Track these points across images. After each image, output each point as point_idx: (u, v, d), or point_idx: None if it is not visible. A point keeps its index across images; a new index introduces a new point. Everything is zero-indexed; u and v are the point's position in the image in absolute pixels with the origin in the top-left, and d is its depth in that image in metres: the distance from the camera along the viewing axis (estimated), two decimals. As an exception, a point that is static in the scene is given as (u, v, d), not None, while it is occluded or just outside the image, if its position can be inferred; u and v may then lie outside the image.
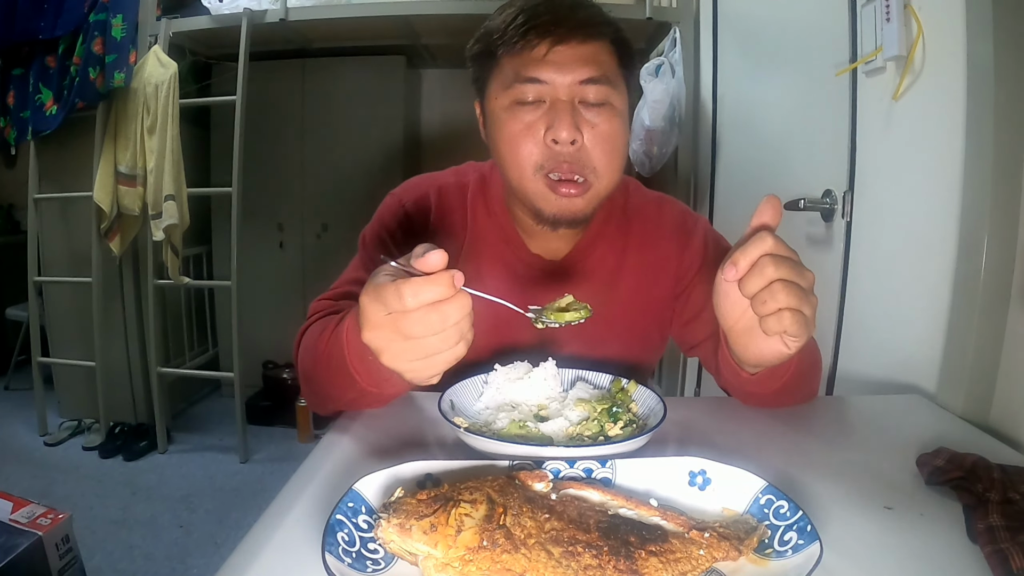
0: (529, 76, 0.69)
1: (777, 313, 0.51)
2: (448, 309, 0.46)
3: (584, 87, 0.70)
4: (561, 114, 0.69)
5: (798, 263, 0.52)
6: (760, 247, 0.51)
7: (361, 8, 2.33)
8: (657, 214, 0.87)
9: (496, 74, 0.73)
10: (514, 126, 0.71)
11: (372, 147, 2.81)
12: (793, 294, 0.50)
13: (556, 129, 0.69)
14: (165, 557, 1.83)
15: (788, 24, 1.51)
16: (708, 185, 2.05)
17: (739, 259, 0.52)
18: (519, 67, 0.70)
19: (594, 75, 0.69)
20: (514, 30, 0.69)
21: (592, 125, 0.70)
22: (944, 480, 0.56)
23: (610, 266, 0.84)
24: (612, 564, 0.39)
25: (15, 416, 2.74)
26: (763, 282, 0.51)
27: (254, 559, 0.45)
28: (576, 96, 0.70)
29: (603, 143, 0.71)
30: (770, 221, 0.54)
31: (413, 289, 0.45)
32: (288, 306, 2.88)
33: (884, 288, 1.09)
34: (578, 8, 0.71)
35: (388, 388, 0.61)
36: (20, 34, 2.21)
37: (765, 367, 0.61)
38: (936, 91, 0.94)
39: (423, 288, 0.45)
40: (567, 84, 0.69)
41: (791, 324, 0.51)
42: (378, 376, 0.58)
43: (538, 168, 0.71)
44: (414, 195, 0.85)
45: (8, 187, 3.44)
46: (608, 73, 0.71)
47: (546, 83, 0.69)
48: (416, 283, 0.45)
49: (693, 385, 2.20)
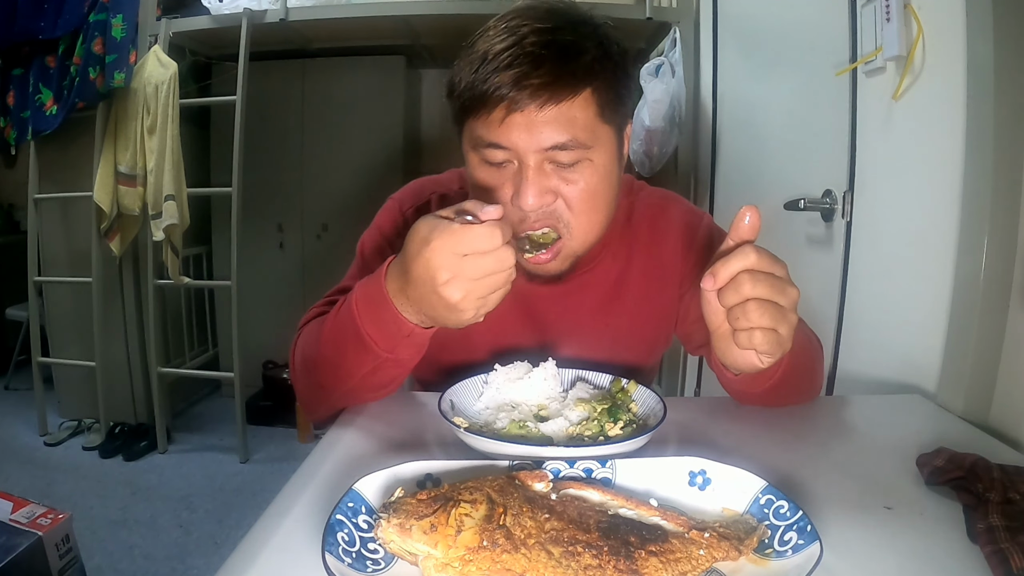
0: (491, 142, 0.64)
1: (748, 331, 0.51)
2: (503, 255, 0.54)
3: (553, 152, 0.64)
4: (524, 183, 0.64)
5: (781, 279, 0.51)
6: (741, 262, 0.51)
7: (361, 8, 2.33)
8: (663, 218, 0.84)
9: (465, 127, 0.68)
10: (483, 183, 0.68)
11: (372, 147, 2.81)
12: (767, 313, 0.50)
13: (521, 198, 0.64)
14: (165, 557, 1.83)
15: (788, 24, 1.51)
16: (708, 185, 2.05)
17: (718, 271, 0.52)
18: (480, 129, 0.65)
19: (561, 141, 0.63)
20: (474, 86, 0.63)
21: (566, 183, 0.65)
22: (944, 480, 0.56)
23: (615, 276, 0.83)
24: (612, 564, 0.39)
25: (15, 416, 2.75)
26: (738, 299, 0.51)
27: (254, 559, 0.45)
28: (544, 159, 0.64)
29: (577, 202, 0.66)
30: (747, 237, 0.53)
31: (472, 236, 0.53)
32: (288, 306, 2.88)
33: (884, 288, 1.08)
34: (549, 56, 0.61)
35: (403, 349, 0.62)
36: (20, 34, 2.21)
37: (744, 373, 0.61)
38: (936, 91, 0.94)
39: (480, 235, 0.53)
40: (532, 150, 0.63)
41: (762, 343, 0.51)
42: (395, 334, 0.60)
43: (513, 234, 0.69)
44: (414, 202, 0.84)
45: (8, 187, 3.44)
46: (580, 134, 0.63)
47: (510, 148, 0.64)
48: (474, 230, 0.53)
49: (693, 385, 2.20)
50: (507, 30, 0.63)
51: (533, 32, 0.62)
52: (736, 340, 0.53)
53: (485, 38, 0.65)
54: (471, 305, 0.55)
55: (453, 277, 0.53)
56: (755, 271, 0.51)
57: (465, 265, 0.53)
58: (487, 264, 0.53)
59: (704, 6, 2.08)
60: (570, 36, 0.63)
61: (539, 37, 0.62)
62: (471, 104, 0.64)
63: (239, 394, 2.41)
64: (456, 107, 0.68)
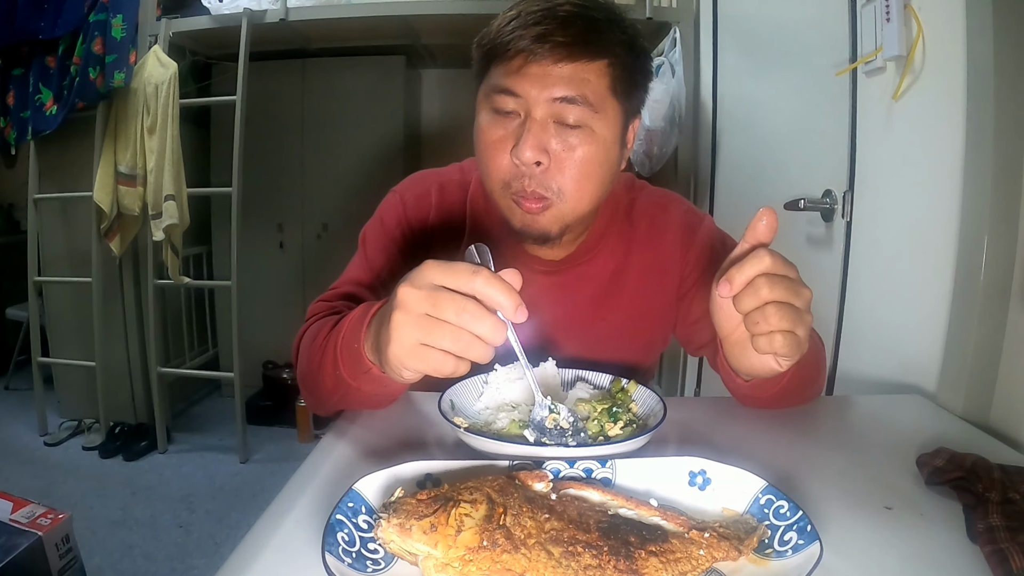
0: (505, 87, 0.67)
1: (769, 335, 0.51)
2: (486, 319, 0.45)
3: (561, 106, 0.66)
4: (528, 133, 0.66)
5: (795, 281, 0.52)
6: (757, 266, 0.51)
7: (361, 8, 2.33)
8: (662, 216, 0.85)
9: (486, 77, 0.71)
10: (488, 136, 0.70)
11: (372, 147, 2.81)
12: (786, 316, 0.50)
13: (520, 149, 0.66)
14: (165, 557, 1.83)
15: (788, 24, 1.51)
16: (708, 185, 2.05)
17: (734, 276, 0.51)
18: (500, 76, 0.68)
19: (570, 95, 0.65)
20: (502, 35, 0.66)
21: (565, 146, 0.67)
22: (944, 480, 0.56)
23: (612, 270, 0.83)
24: (612, 564, 0.39)
25: (15, 416, 2.74)
26: (757, 302, 0.51)
27: (254, 559, 0.45)
28: (553, 115, 0.66)
29: (572, 167, 0.68)
30: (764, 239, 0.53)
31: (487, 276, 0.46)
32: (288, 306, 2.88)
33: (884, 288, 1.09)
34: (574, 21, 0.65)
35: (365, 383, 0.60)
36: (20, 34, 2.21)
37: (758, 378, 0.61)
38: (936, 91, 0.94)
39: (496, 284, 0.46)
40: (542, 101, 0.66)
41: (782, 346, 0.51)
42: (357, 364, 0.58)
43: (505, 185, 0.70)
44: (415, 192, 0.85)
45: (8, 187, 3.44)
46: (591, 95, 0.66)
47: (521, 96, 0.66)
48: (494, 276, 0.46)
49: (693, 385, 2.20)
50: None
51: (567, 3, 0.66)
52: (755, 345, 0.53)
53: (521, 4, 0.68)
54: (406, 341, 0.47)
55: (411, 302, 0.47)
56: (771, 274, 0.51)
57: (433, 297, 0.46)
58: (450, 304, 0.45)
59: (704, 6, 2.08)
60: (599, 15, 0.67)
61: (571, 7, 0.66)
62: (494, 52, 0.68)
63: (239, 394, 2.41)
64: (479, 56, 0.71)
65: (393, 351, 0.49)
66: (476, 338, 0.46)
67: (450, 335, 0.46)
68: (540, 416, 0.60)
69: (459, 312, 0.45)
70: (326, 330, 0.66)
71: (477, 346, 0.46)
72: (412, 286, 0.47)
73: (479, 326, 0.45)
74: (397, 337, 0.48)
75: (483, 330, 0.46)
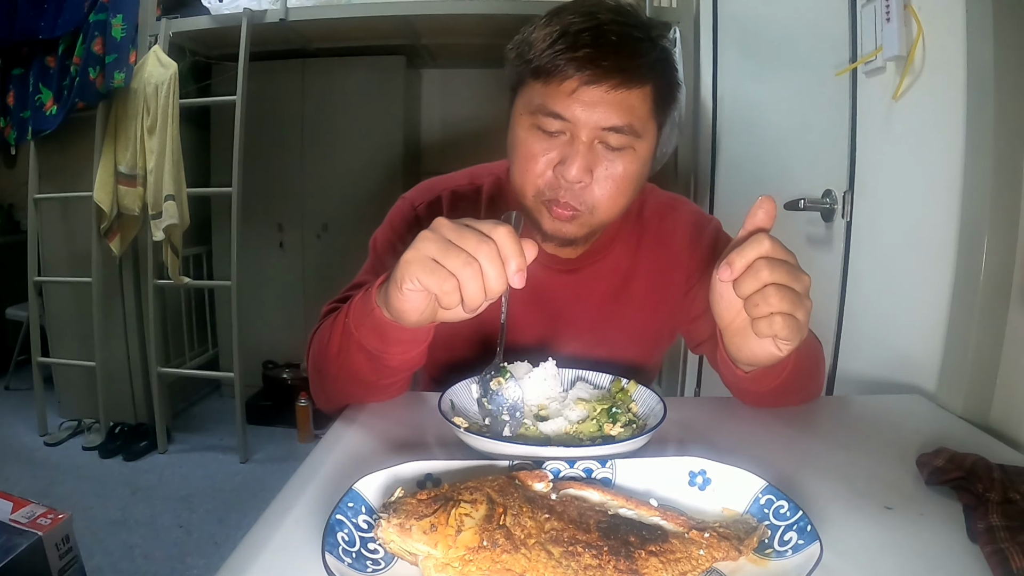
0: (553, 111, 0.67)
1: (769, 317, 0.51)
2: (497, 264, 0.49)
3: (606, 133, 0.67)
4: (575, 155, 0.67)
5: (794, 266, 0.52)
6: (757, 249, 0.51)
7: (361, 8, 2.33)
8: (671, 216, 0.87)
9: (525, 90, 0.70)
10: (530, 148, 0.70)
11: (372, 147, 2.81)
12: (786, 298, 0.51)
13: (567, 168, 0.67)
14: (165, 557, 1.83)
15: (788, 24, 1.51)
16: (708, 185, 2.05)
17: (734, 260, 0.52)
18: (545, 97, 0.67)
19: (618, 124, 0.66)
20: (550, 55, 0.66)
21: (606, 165, 0.69)
22: (944, 480, 0.56)
23: (624, 267, 0.85)
24: (612, 564, 0.39)
25: (15, 416, 2.75)
26: (757, 285, 0.51)
27: (254, 559, 0.45)
28: (597, 138, 0.68)
29: (611, 184, 0.69)
30: (763, 224, 0.54)
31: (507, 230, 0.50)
32: (288, 306, 2.88)
33: (884, 288, 1.09)
34: (624, 44, 0.65)
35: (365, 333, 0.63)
36: (20, 34, 2.21)
37: (759, 367, 0.62)
38: (936, 91, 0.94)
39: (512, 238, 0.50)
40: (590, 127, 0.67)
41: (782, 328, 0.51)
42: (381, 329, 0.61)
43: (539, 194, 0.71)
44: (426, 198, 0.85)
45: (8, 187, 3.44)
46: (635, 123, 0.67)
47: (569, 121, 0.67)
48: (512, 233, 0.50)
49: (693, 385, 2.20)
50: (587, 14, 0.66)
51: (612, 22, 0.66)
52: (756, 328, 0.53)
53: (562, 16, 0.67)
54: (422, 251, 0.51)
55: (440, 227, 0.52)
56: (771, 258, 0.51)
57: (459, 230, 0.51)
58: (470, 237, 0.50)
59: (704, 6, 2.08)
60: (641, 35, 0.67)
61: (618, 28, 0.66)
62: (542, 70, 0.67)
63: (239, 394, 2.41)
64: (522, 72, 0.70)
65: (407, 257, 0.52)
66: (481, 276, 0.49)
67: (463, 260, 0.49)
68: (490, 374, 0.64)
69: (477, 246, 0.49)
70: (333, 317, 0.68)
71: (479, 285, 0.50)
72: (446, 220, 0.52)
73: (489, 266, 0.49)
74: (416, 246, 0.52)
75: (490, 271, 0.49)
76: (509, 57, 0.73)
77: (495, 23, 2.25)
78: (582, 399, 0.67)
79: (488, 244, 0.49)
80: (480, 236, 0.50)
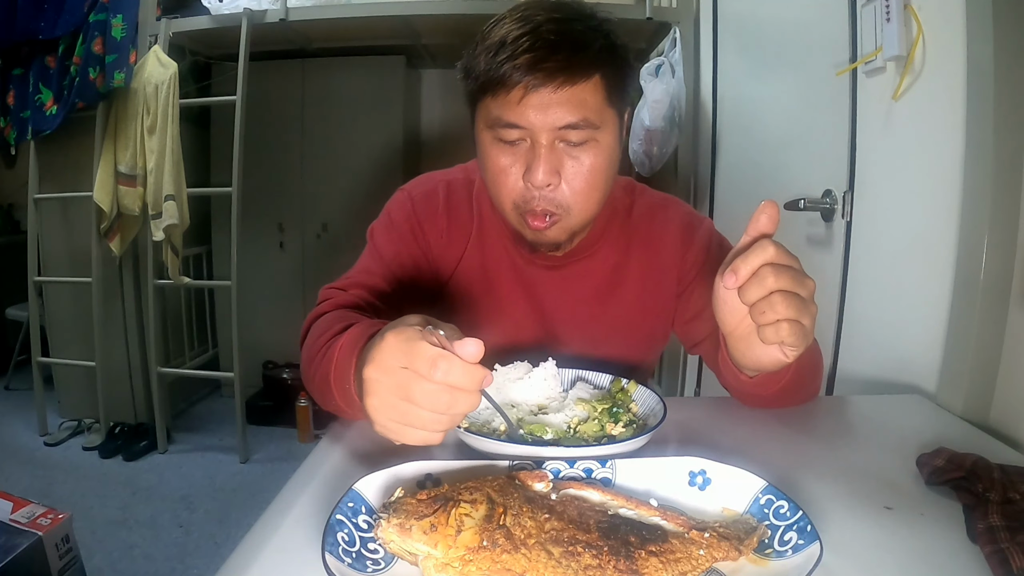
0: (508, 121, 0.68)
1: (775, 323, 0.51)
2: (461, 399, 0.45)
3: (564, 131, 0.67)
4: (537, 159, 0.68)
5: (799, 272, 0.52)
6: (761, 256, 0.51)
7: (361, 8, 2.33)
8: (662, 215, 0.87)
9: (480, 106, 0.71)
10: (496, 162, 0.71)
11: (372, 147, 2.81)
12: (792, 305, 0.50)
13: (532, 174, 0.68)
14: (165, 557, 1.83)
15: (788, 24, 1.51)
16: (708, 185, 2.05)
17: (739, 267, 0.51)
18: (498, 109, 0.68)
19: (573, 121, 0.67)
20: (493, 68, 0.66)
21: (572, 162, 0.69)
22: (944, 480, 0.56)
23: (613, 265, 0.85)
24: (612, 564, 0.39)
25: (15, 416, 2.74)
26: (762, 292, 0.51)
27: (254, 559, 0.45)
28: (556, 137, 0.68)
29: (580, 180, 0.70)
30: (766, 230, 0.54)
31: (448, 365, 0.44)
32: (288, 306, 2.88)
33: (884, 288, 1.09)
34: (563, 41, 0.65)
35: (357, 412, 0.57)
36: (20, 34, 2.21)
37: (764, 372, 0.61)
38: (936, 91, 0.94)
39: (456, 370, 0.44)
40: (546, 129, 0.67)
41: (789, 335, 0.51)
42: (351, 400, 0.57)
43: (516, 207, 0.72)
44: (423, 189, 0.86)
45: (8, 187, 3.44)
46: (590, 115, 0.67)
47: (525, 127, 0.67)
48: (453, 361, 0.44)
49: (693, 385, 2.20)
50: (522, 19, 0.67)
51: (548, 21, 0.66)
52: (762, 335, 0.52)
53: (500, 26, 0.68)
54: (387, 424, 0.47)
55: (381, 390, 0.47)
56: (776, 264, 0.51)
57: (402, 385, 0.45)
58: (420, 392, 0.45)
59: (704, 6, 2.08)
60: (580, 27, 0.68)
61: (555, 26, 0.66)
62: (489, 85, 0.68)
63: (239, 394, 2.41)
64: (472, 88, 0.71)
65: (377, 429, 0.49)
66: (452, 416, 0.46)
67: (427, 417, 0.46)
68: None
69: (431, 400, 0.45)
70: (326, 339, 0.64)
71: (454, 420, 0.47)
72: (378, 370, 0.46)
73: (453, 408, 0.45)
74: (377, 419, 0.48)
75: (457, 410, 0.45)
76: (458, 78, 0.73)
77: (495, 23, 2.25)
78: (582, 399, 0.67)
79: (440, 396, 0.45)
80: (427, 393, 0.45)
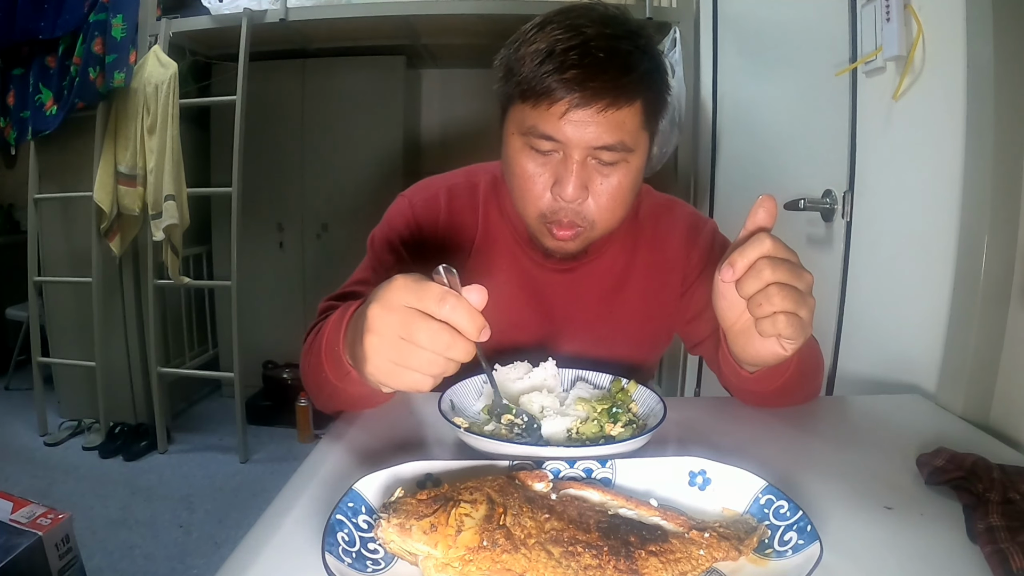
0: (544, 133, 0.67)
1: (772, 316, 0.51)
2: (459, 344, 0.46)
3: (599, 151, 0.67)
4: (568, 175, 0.67)
5: (796, 265, 0.52)
6: (758, 249, 0.51)
7: (361, 8, 2.33)
8: (667, 216, 0.87)
9: (514, 108, 0.70)
10: (525, 169, 0.70)
11: (372, 147, 2.81)
12: (789, 297, 0.50)
13: (562, 188, 0.68)
14: (165, 557, 1.83)
15: (788, 24, 1.51)
16: (708, 185, 2.05)
17: (736, 260, 0.52)
18: (535, 119, 0.67)
19: (610, 143, 0.66)
20: (537, 77, 0.65)
21: (600, 180, 0.69)
22: (944, 480, 0.56)
23: (620, 267, 0.85)
24: (612, 564, 0.39)
25: (15, 416, 2.74)
26: (759, 285, 0.51)
27: (254, 559, 0.45)
28: (589, 155, 0.68)
29: (607, 198, 0.70)
30: (764, 223, 0.54)
31: (455, 302, 0.45)
32: (288, 306, 2.88)
33: (884, 288, 1.09)
34: (612, 61, 0.64)
35: (349, 384, 0.60)
36: (20, 34, 2.21)
37: (763, 367, 0.61)
38: (936, 91, 0.94)
39: (462, 310, 0.45)
40: (582, 147, 0.66)
41: (786, 327, 0.51)
42: (341, 368, 0.58)
43: (542, 216, 0.72)
44: (423, 196, 0.86)
45: (8, 187, 3.44)
46: (627, 138, 0.67)
47: (560, 141, 0.67)
48: (461, 301, 0.45)
49: (693, 385, 2.20)
50: (571, 28, 0.65)
51: (599, 36, 0.64)
52: (759, 328, 0.53)
53: (546, 31, 0.66)
54: (381, 363, 0.48)
55: (383, 325, 0.47)
56: (773, 257, 0.51)
57: (405, 321, 0.46)
58: (423, 330, 0.46)
59: (704, 6, 2.08)
60: (629, 47, 0.66)
61: (605, 43, 0.64)
62: (531, 94, 0.66)
63: (239, 394, 2.41)
64: (511, 92, 0.69)
65: (369, 371, 0.49)
66: (448, 359, 0.47)
67: (424, 358, 0.47)
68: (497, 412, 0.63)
69: (432, 338, 0.46)
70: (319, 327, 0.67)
71: (449, 366, 0.47)
72: (383, 307, 0.47)
73: (451, 351, 0.46)
74: (372, 359, 0.48)
75: (454, 354, 0.46)
76: (497, 75, 0.72)
77: (495, 23, 2.25)
78: (582, 399, 0.67)
79: (441, 335, 0.46)
80: (430, 328, 0.46)
